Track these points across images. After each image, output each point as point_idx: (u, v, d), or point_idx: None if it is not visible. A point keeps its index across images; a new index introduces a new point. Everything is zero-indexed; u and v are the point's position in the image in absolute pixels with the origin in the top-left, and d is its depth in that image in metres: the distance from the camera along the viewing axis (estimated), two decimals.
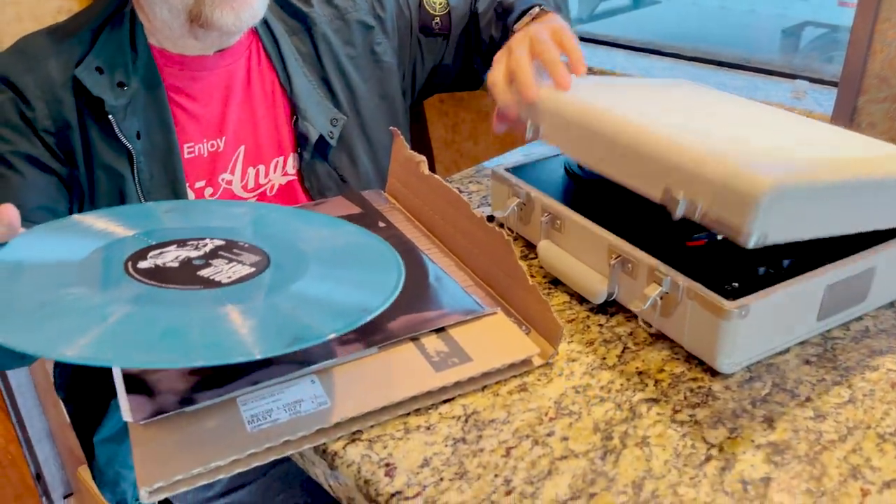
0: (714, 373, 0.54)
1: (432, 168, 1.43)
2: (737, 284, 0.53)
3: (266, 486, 0.83)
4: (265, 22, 0.86)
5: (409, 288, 0.61)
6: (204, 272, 0.51)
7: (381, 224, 0.74)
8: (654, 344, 0.58)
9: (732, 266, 0.55)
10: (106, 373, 0.54)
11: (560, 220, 0.65)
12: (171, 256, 0.53)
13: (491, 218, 0.77)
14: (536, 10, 0.83)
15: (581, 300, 0.64)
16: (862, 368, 0.54)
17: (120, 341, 0.42)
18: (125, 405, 0.49)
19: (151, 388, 0.50)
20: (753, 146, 0.55)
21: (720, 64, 1.08)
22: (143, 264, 0.51)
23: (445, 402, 0.52)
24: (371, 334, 0.55)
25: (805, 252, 0.57)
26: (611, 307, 0.62)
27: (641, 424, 0.50)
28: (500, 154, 1.01)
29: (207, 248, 0.55)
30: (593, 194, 0.67)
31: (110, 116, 0.76)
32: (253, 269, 0.52)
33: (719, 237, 0.57)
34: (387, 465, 0.47)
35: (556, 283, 0.67)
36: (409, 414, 0.51)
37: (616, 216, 0.64)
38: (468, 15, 0.97)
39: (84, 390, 0.93)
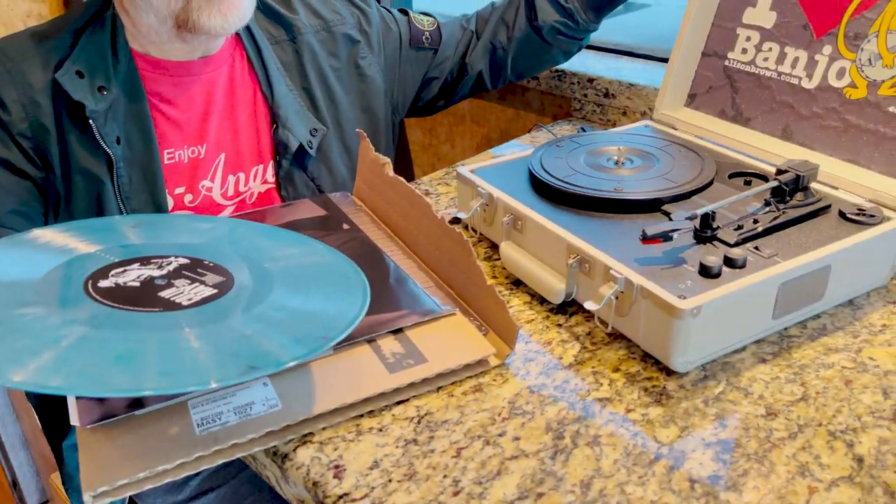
0: (669, 372, 0.54)
1: (410, 171, 1.42)
2: (690, 283, 0.53)
3: (235, 490, 0.83)
4: (248, 30, 0.85)
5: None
6: (165, 293, 0.51)
7: (346, 226, 0.73)
8: (611, 344, 0.57)
9: (687, 264, 0.56)
10: None
11: (521, 220, 0.65)
12: (133, 275, 0.53)
13: (457, 219, 0.77)
14: None
15: (542, 301, 0.64)
16: (817, 366, 0.54)
17: (71, 367, 0.41)
18: (73, 409, 0.49)
19: None
20: None
21: None
22: (103, 283, 0.51)
23: (399, 403, 0.52)
24: None
25: (759, 250, 0.57)
26: (570, 307, 0.62)
27: (593, 424, 0.50)
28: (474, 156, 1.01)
29: (171, 267, 0.55)
30: (555, 196, 0.67)
31: (91, 121, 0.75)
32: (215, 291, 0.52)
33: (674, 236, 0.57)
34: (336, 466, 0.47)
35: (518, 283, 0.67)
36: (362, 416, 0.51)
37: (576, 217, 0.64)
38: (471, 28, 0.99)
39: (54, 397, 0.92)
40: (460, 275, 0.62)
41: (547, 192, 0.68)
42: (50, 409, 0.93)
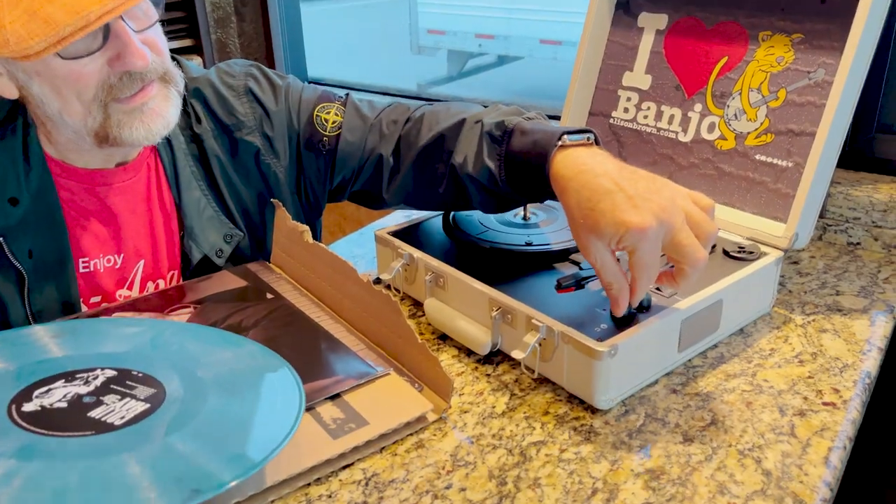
0: (594, 410, 0.58)
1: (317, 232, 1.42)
2: (605, 326, 0.58)
3: None
4: (166, 136, 0.82)
5: (301, 357, 0.62)
6: (95, 413, 0.50)
7: (269, 295, 0.74)
8: (538, 388, 0.61)
9: (600, 309, 0.61)
10: None
11: (443, 278, 0.69)
12: (58, 395, 0.52)
13: (378, 280, 0.79)
14: (586, 137, 0.64)
15: (469, 353, 0.67)
16: (720, 392, 0.60)
17: None
18: None
19: None
20: None
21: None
22: (28, 407, 0.50)
23: (345, 467, 0.53)
24: None
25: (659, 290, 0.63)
26: (496, 357, 0.66)
27: (532, 467, 0.53)
28: (382, 217, 1.04)
29: (98, 382, 0.54)
30: (471, 253, 0.71)
31: (1, 238, 0.72)
32: (147, 406, 0.51)
33: (586, 284, 0.62)
34: None
35: (444, 338, 0.70)
36: (309, 484, 0.52)
37: (493, 271, 0.68)
38: (378, 147, 0.82)
39: None
40: (390, 335, 0.64)
41: (464, 249, 0.72)
42: None
